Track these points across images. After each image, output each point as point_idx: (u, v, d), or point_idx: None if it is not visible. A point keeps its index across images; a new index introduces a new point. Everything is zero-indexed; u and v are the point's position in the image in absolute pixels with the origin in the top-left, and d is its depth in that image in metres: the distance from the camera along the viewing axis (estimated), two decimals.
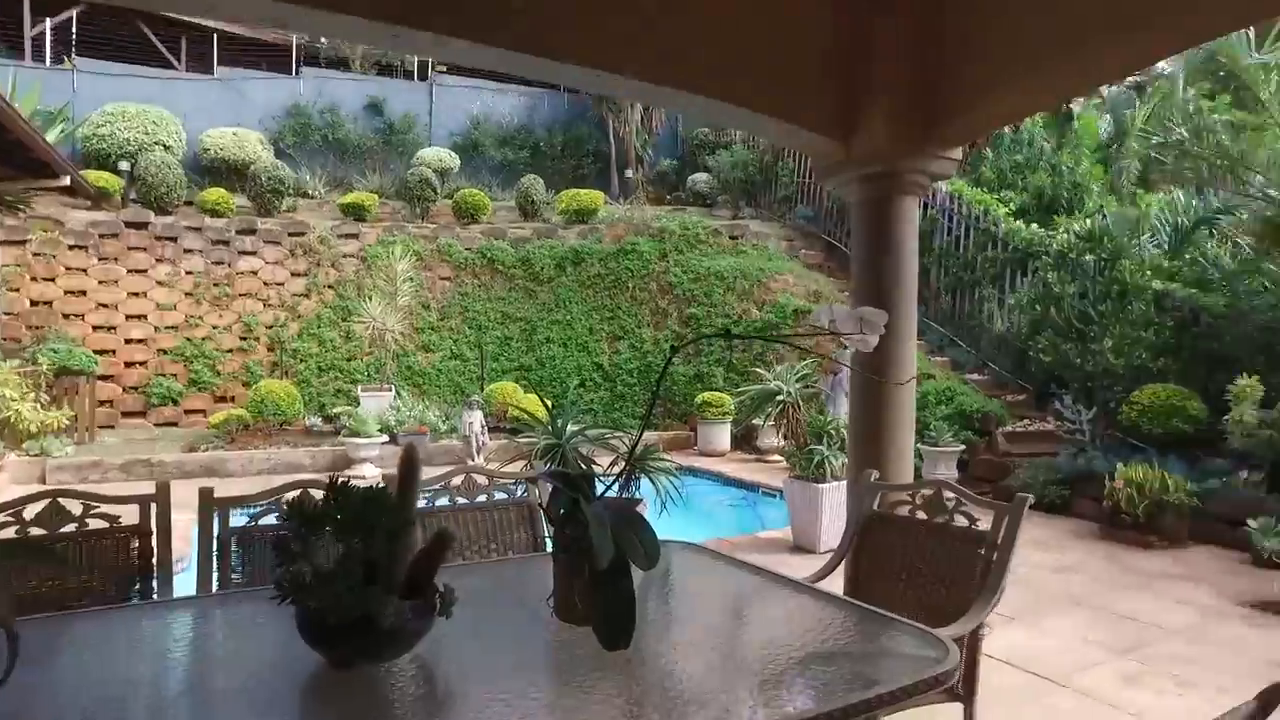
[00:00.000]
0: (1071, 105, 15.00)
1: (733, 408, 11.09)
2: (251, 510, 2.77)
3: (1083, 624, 4.86)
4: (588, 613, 1.89)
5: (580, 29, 3.50)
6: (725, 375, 11.82)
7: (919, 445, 8.48)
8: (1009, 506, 2.66)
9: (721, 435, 11.11)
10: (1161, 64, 13.89)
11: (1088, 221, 8.02)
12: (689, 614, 2.40)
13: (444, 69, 17.63)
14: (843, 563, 3.13)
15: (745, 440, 11.20)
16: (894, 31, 4.10)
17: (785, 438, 7.37)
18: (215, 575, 2.62)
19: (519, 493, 3.33)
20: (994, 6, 3.81)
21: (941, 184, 11.50)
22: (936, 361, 10.55)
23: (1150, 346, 7.66)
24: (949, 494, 2.89)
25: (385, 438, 10.08)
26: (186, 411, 11.80)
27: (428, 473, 2.55)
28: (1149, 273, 7.82)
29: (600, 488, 2.08)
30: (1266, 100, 7.79)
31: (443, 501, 3.18)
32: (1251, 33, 7.99)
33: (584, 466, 5.11)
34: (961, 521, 2.83)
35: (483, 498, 3.27)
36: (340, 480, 1.76)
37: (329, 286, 12.71)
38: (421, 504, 3.15)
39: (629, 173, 16.92)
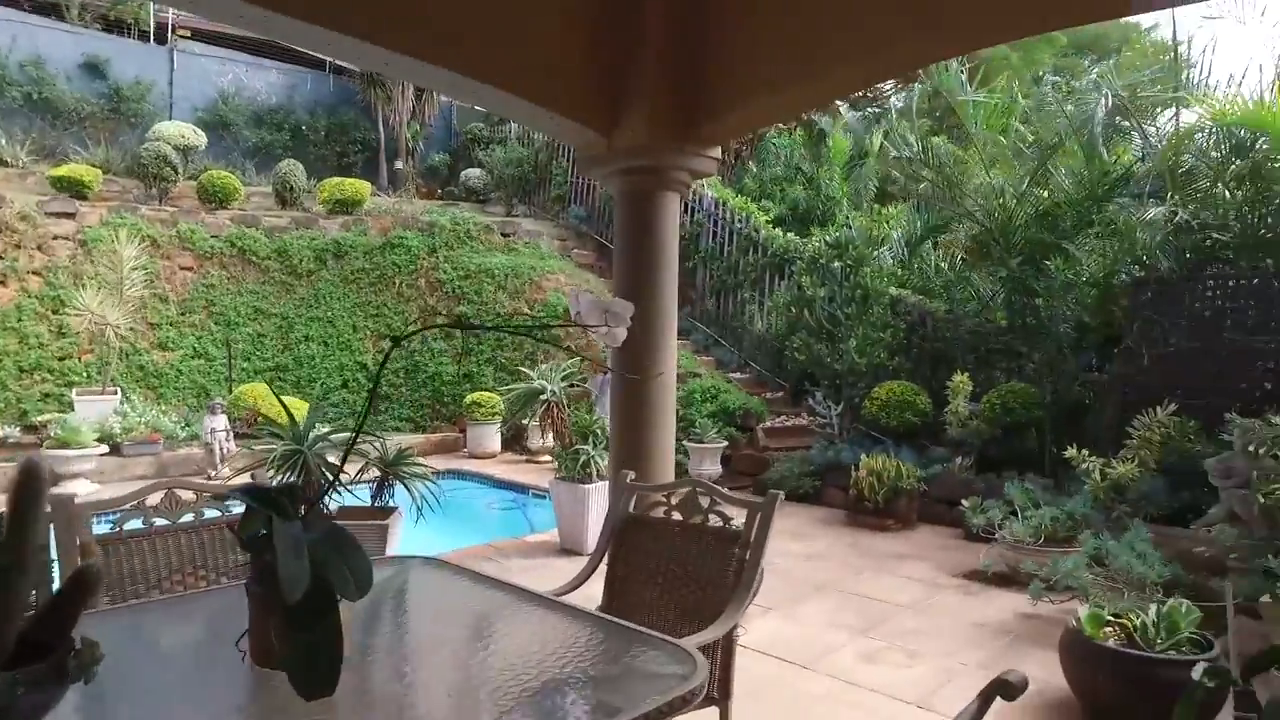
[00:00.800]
0: (823, 127, 16.27)
1: (503, 408, 10.79)
2: None
3: (831, 608, 5.09)
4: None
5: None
6: (496, 375, 11.48)
7: (685, 442, 8.67)
8: (760, 504, 2.61)
9: (491, 437, 10.76)
10: (895, 100, 15.47)
11: (836, 231, 8.60)
12: (425, 642, 2.12)
13: (187, 33, 15.71)
14: (602, 567, 2.97)
15: (516, 441, 10.94)
16: (658, 32, 4.05)
17: (553, 438, 7.20)
18: None
19: (231, 507, 2.85)
20: (747, 20, 3.87)
21: (708, 190, 11.93)
22: (702, 360, 10.88)
23: (887, 346, 8.34)
24: (704, 494, 2.81)
25: (105, 448, 8.73)
26: None
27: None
28: (885, 279, 8.51)
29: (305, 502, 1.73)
30: (974, 134, 8.74)
31: (135, 524, 2.65)
32: (965, 75, 8.94)
33: (327, 474, 4.61)
34: (716, 521, 2.75)
35: (189, 516, 2.77)
36: None
37: (34, 273, 10.83)
38: (104, 529, 2.61)
39: (399, 164, 16.07)
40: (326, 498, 1.82)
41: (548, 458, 9.85)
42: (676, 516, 2.84)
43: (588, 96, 4.10)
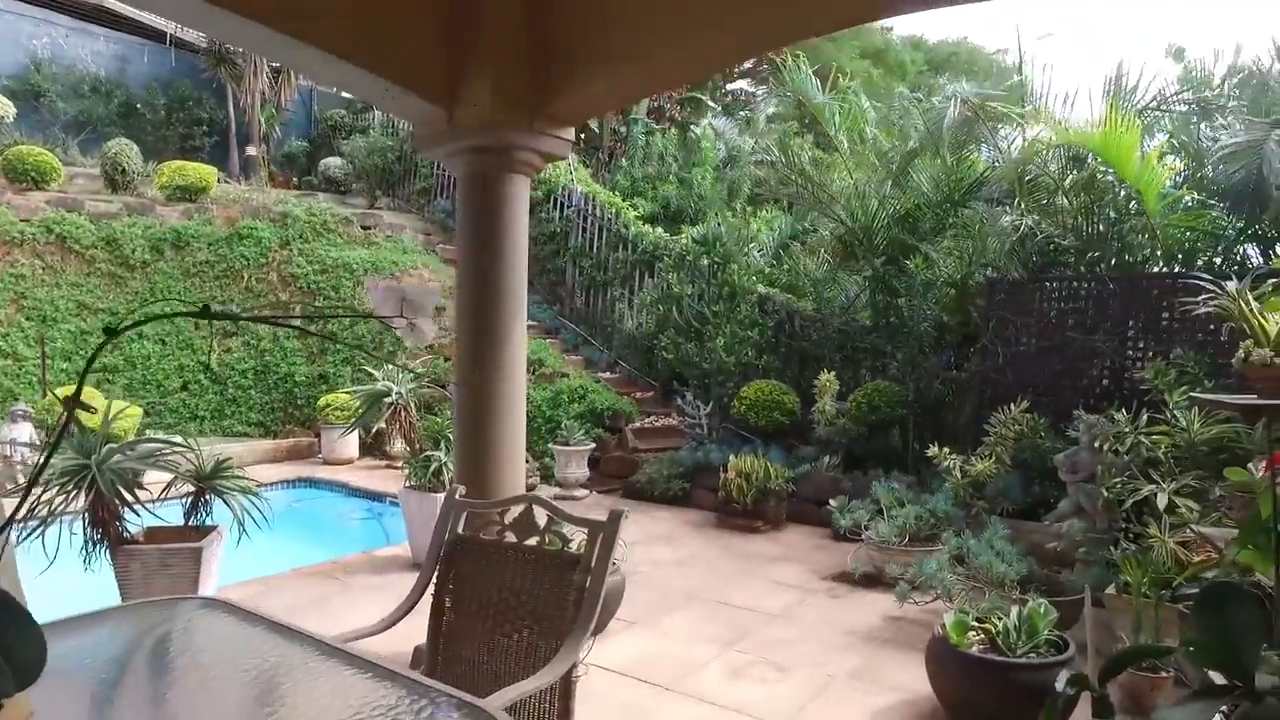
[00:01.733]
0: (694, 128, 16.24)
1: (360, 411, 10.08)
2: None
3: (698, 618, 4.82)
4: None
5: None
6: (354, 376, 10.70)
7: (551, 445, 8.27)
8: (602, 524, 2.26)
9: (348, 441, 10.01)
10: (765, 106, 15.60)
11: (704, 227, 8.41)
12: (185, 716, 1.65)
13: None
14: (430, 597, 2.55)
15: (377, 445, 10.22)
16: (506, 3, 3.64)
17: (403, 443, 6.66)
18: None
19: None
20: None
21: (578, 185, 11.57)
22: (571, 360, 10.51)
23: (755, 345, 8.21)
24: (541, 511, 2.43)
25: None
26: None
27: None
28: (753, 277, 8.39)
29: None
30: (834, 137, 8.76)
31: None
32: (816, 81, 8.95)
33: (123, 493, 3.95)
34: (556, 544, 2.38)
35: None
36: None
37: None
38: None
39: (252, 150, 14.88)
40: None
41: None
42: (511, 538, 2.45)
43: (426, 65, 3.65)
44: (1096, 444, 4.95)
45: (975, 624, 3.39)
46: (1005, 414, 5.87)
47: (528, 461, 8.62)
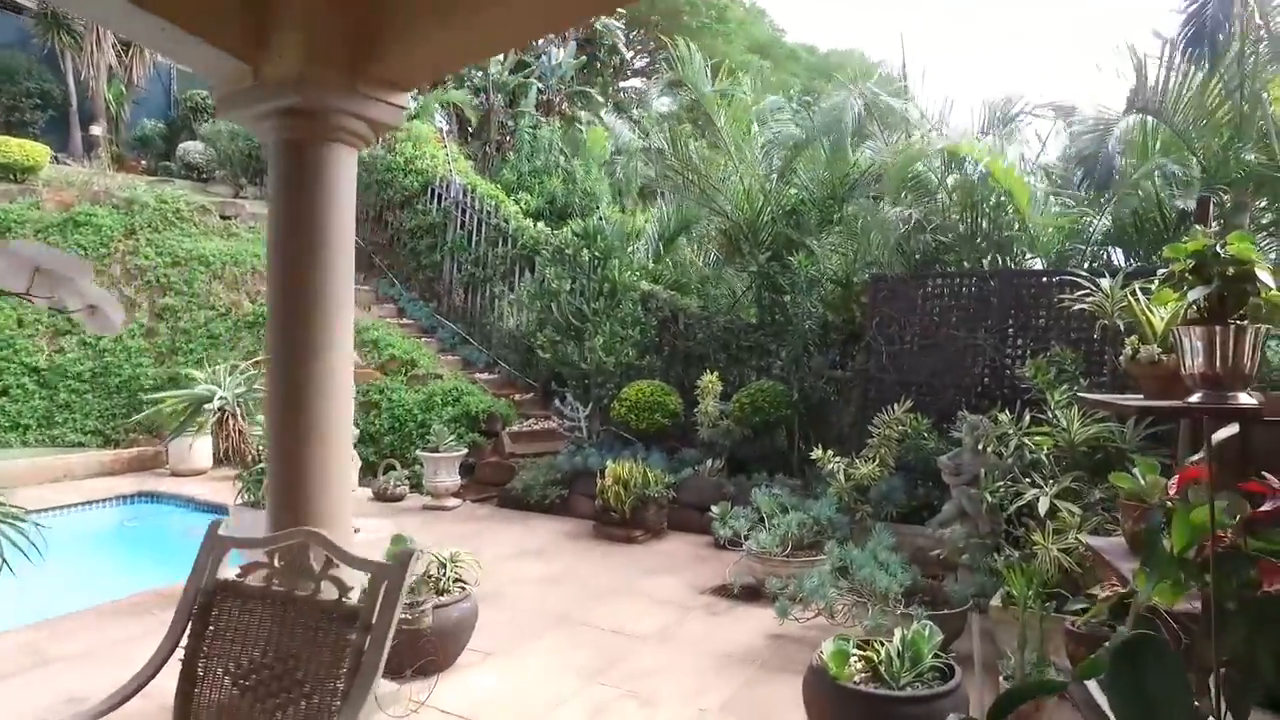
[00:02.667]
0: (584, 124, 15.77)
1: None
2: None
3: (564, 645, 4.34)
4: None
5: None
6: (211, 379, 9.71)
7: (419, 452, 7.63)
8: (389, 568, 1.75)
9: (199, 449, 9.04)
10: (659, 104, 15.27)
11: (586, 221, 7.93)
12: None
13: None
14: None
15: (239, 455, 9.27)
16: None
17: (226, 455, 5.93)
18: None
19: None
20: None
21: (456, 176, 10.91)
22: (448, 360, 9.84)
23: (636, 344, 7.80)
24: (318, 551, 1.90)
25: None
26: None
27: None
28: (636, 273, 7.97)
29: None
30: (721, 128, 8.47)
31: None
32: (708, 72, 8.66)
33: None
34: (333, 592, 1.85)
35: None
36: None
37: None
38: None
39: (96, 129, 13.47)
40: None
41: None
42: (279, 585, 1.91)
43: (226, 12, 3.04)
44: (980, 445, 4.75)
45: (856, 651, 3.04)
46: (889, 414, 5.65)
47: (393, 470, 7.96)
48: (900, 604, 3.97)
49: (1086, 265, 6.20)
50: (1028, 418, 4.43)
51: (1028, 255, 6.64)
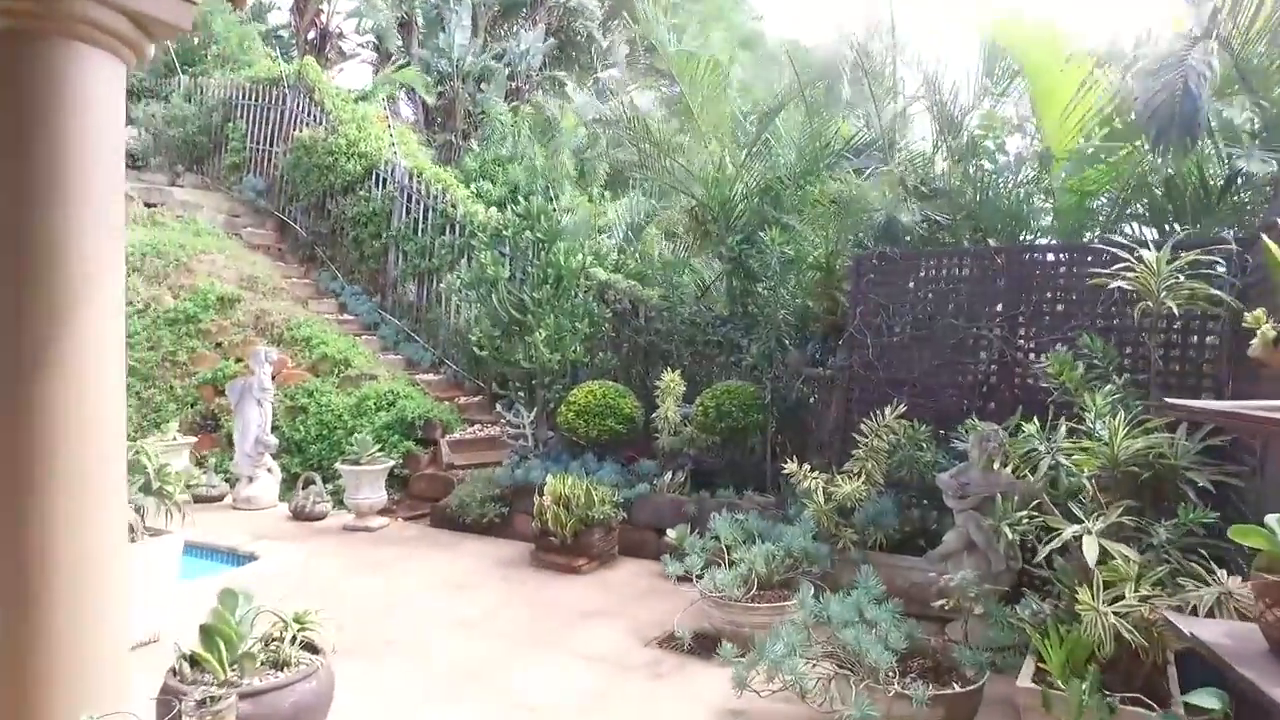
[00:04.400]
0: (550, 109, 14.71)
1: None
2: None
3: None
4: None
5: None
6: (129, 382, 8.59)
7: (339, 465, 6.53)
8: None
9: None
10: (647, 98, 14.23)
11: (527, 202, 6.83)
12: None
13: None
14: None
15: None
16: None
17: None
18: None
19: None
20: None
21: (401, 158, 9.81)
22: (389, 359, 8.75)
23: (587, 339, 6.72)
24: None
25: None
26: None
27: None
28: (588, 259, 6.89)
29: None
30: (687, 93, 7.41)
31: None
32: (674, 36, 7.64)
33: None
34: None
35: None
36: None
37: None
38: None
39: None
40: None
41: (196, 482, 7.28)
42: None
43: None
44: (993, 462, 3.71)
45: None
46: (877, 420, 4.60)
47: (312, 484, 6.86)
48: (894, 677, 2.93)
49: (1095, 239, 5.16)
50: (1063, 429, 3.37)
51: (1040, 225, 5.62)
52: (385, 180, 9.67)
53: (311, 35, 15.07)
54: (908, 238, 5.82)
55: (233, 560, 5.77)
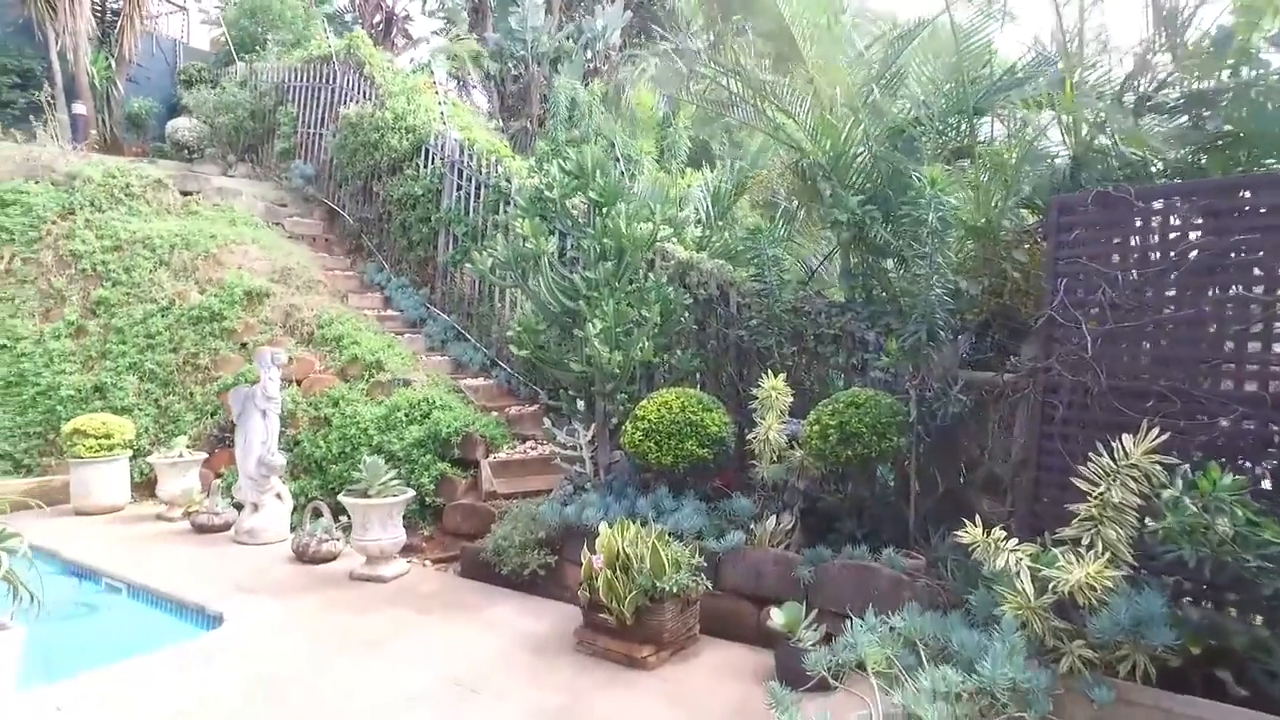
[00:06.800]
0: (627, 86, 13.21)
1: (133, 438, 6.92)
2: None
3: None
4: None
5: None
6: (142, 387, 7.50)
7: (342, 497, 5.08)
8: None
9: (114, 481, 6.80)
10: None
11: (577, 151, 5.21)
12: None
13: None
14: None
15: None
16: None
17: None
18: None
19: None
20: None
21: (452, 131, 8.41)
22: (433, 361, 7.35)
23: (658, 333, 5.05)
24: None
25: None
26: None
27: None
28: (667, 230, 5.22)
29: None
30: (791, 21, 5.68)
31: None
32: None
33: None
34: None
35: None
36: None
37: None
38: None
39: (80, 108, 11.59)
40: None
41: (198, 508, 6.09)
42: None
43: None
44: None
45: None
46: (1113, 452, 2.77)
47: (320, 517, 5.44)
48: None
49: None
50: None
51: None
52: (434, 156, 8.29)
53: (377, 19, 13.98)
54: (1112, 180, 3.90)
55: (198, 620, 4.41)
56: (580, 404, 5.25)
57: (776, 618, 3.41)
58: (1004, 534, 2.81)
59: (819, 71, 5.73)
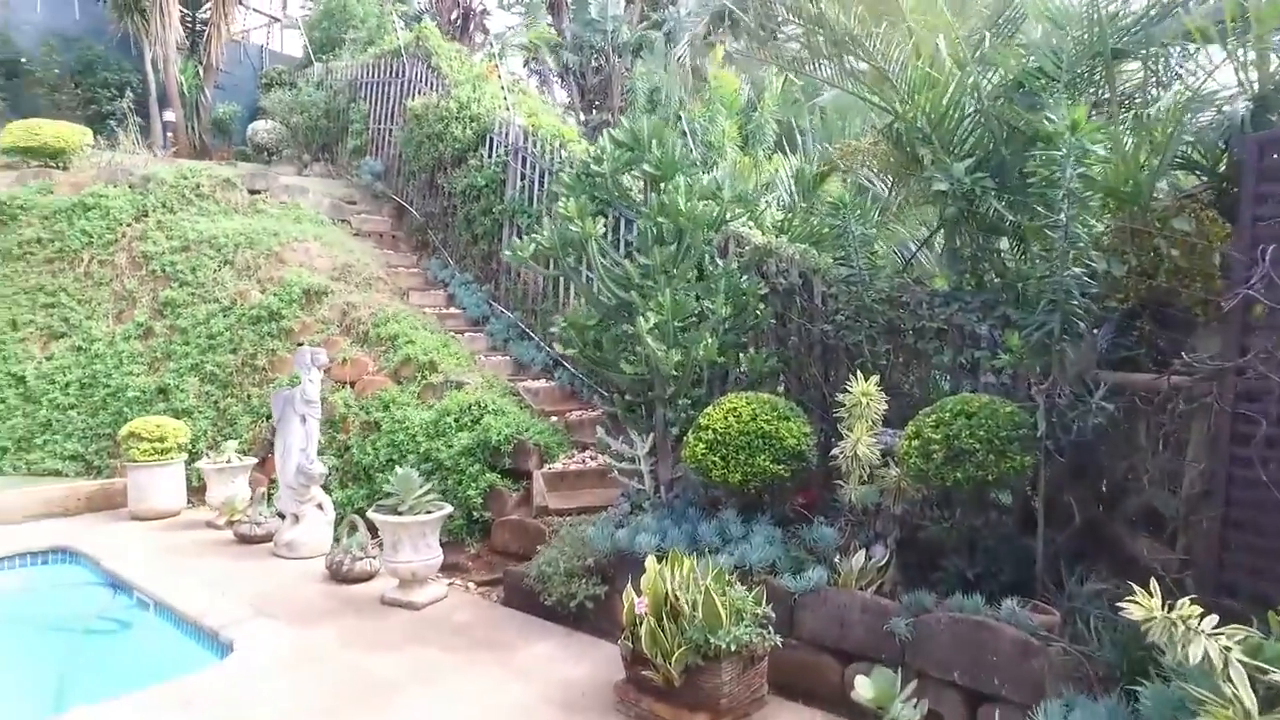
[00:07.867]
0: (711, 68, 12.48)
1: (188, 441, 6.69)
2: None
3: None
4: None
5: None
6: (203, 389, 7.30)
7: (371, 513, 4.55)
8: None
9: (169, 485, 6.58)
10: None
11: (631, 122, 4.52)
12: None
13: None
14: None
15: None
16: None
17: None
18: None
19: None
20: None
21: (516, 118, 7.90)
22: (493, 361, 6.83)
23: (727, 329, 4.31)
24: None
25: None
26: None
27: None
28: (738, 211, 4.48)
29: None
30: None
31: None
32: None
33: None
34: None
35: None
36: None
37: None
38: None
39: (170, 115, 11.76)
40: None
41: (241, 517, 5.77)
42: None
43: None
44: None
45: None
46: None
47: (356, 532, 4.93)
48: None
49: None
50: None
51: None
52: (497, 145, 7.80)
53: (454, 15, 13.74)
54: None
55: (212, 646, 3.99)
56: (639, 410, 4.57)
57: (863, 689, 2.65)
58: (1190, 604, 1.96)
59: (916, 17, 4.86)
